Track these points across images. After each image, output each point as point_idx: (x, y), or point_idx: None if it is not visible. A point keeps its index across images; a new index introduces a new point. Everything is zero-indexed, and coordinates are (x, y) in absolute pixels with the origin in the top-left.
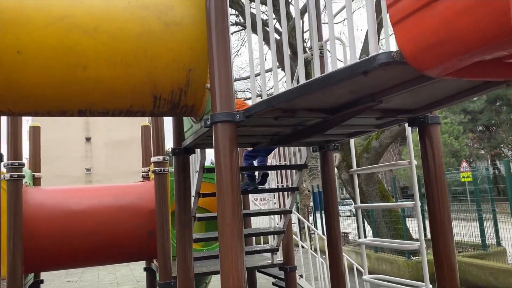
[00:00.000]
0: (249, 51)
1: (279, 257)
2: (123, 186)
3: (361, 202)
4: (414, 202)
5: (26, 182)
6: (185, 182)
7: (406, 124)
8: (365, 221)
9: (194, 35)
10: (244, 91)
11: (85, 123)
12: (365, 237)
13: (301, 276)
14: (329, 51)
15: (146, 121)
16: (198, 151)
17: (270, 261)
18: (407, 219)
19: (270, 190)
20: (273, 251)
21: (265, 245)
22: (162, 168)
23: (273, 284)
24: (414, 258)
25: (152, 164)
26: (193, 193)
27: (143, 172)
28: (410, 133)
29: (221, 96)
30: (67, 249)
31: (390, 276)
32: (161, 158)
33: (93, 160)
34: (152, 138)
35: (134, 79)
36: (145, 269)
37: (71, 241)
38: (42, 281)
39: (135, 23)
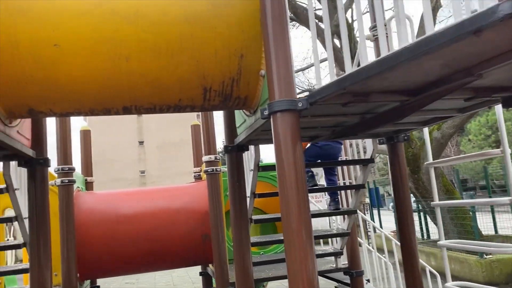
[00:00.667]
0: (312, 34)
1: (343, 261)
2: (174, 188)
3: (424, 198)
4: (510, 198)
5: (78, 187)
6: (240, 181)
7: (498, 106)
8: (428, 218)
9: (244, 16)
10: None
11: (138, 127)
12: (429, 236)
13: (368, 280)
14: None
15: (196, 120)
16: (252, 148)
17: (334, 265)
18: None
19: (332, 188)
20: (337, 254)
21: (326, 247)
22: (214, 167)
23: None
24: (488, 256)
25: (204, 163)
26: (248, 193)
27: (195, 173)
28: (502, 116)
29: (279, 82)
30: (121, 255)
31: (475, 283)
32: (212, 157)
33: (146, 163)
34: (203, 136)
35: (181, 69)
36: (200, 274)
37: (125, 246)
38: (98, 287)
39: (179, 5)
